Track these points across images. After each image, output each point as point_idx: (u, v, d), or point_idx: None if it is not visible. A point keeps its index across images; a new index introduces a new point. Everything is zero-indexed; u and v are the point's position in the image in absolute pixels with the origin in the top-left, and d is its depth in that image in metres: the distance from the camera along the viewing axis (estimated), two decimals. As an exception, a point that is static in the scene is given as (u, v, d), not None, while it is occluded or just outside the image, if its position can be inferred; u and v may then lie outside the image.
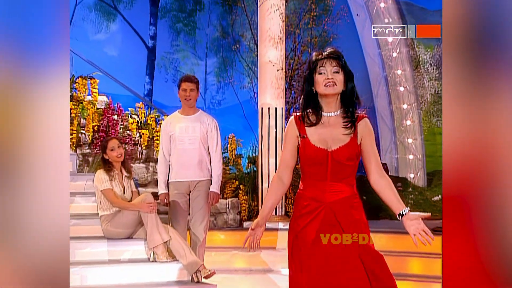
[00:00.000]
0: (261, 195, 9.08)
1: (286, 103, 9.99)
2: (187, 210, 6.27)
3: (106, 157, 6.15)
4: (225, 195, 9.37)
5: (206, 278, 5.79)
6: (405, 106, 13.40)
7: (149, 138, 9.26)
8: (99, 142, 8.27)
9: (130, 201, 6.11)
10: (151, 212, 5.85)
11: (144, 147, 9.21)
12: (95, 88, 9.15)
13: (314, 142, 3.20)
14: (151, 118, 9.56)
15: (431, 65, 13.86)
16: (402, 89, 13.39)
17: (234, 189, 9.51)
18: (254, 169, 9.70)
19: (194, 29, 16.83)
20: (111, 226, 6.00)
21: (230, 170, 9.86)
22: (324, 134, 3.20)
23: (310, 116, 3.25)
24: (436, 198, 11.95)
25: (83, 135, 8.74)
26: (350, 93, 3.24)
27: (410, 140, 13.28)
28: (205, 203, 6.20)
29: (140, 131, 9.28)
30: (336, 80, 3.19)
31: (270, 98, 9.15)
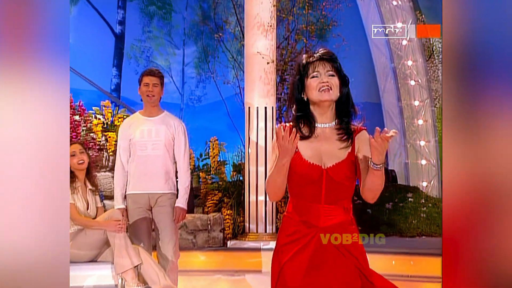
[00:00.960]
0: (248, 209, 9.12)
1: (277, 101, 10.03)
2: (150, 228, 6.28)
3: (66, 166, 6.16)
4: (206, 209, 9.40)
5: (183, 308, 5.82)
6: (416, 102, 13.49)
7: (116, 142, 9.28)
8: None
9: (94, 218, 6.13)
10: (119, 231, 5.86)
11: (110, 153, 9.22)
12: (53, 83, 9.14)
13: (308, 157, 3.21)
14: (119, 118, 9.55)
15: (447, 55, 13.96)
16: (413, 83, 13.48)
17: (216, 202, 9.54)
18: (240, 178, 9.72)
19: (169, 12, 16.86)
20: (73, 247, 6.01)
21: (212, 179, 9.88)
22: (318, 148, 3.21)
23: (302, 128, 3.27)
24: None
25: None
26: (346, 100, 3.27)
27: (423, 142, 13.37)
28: (171, 220, 6.21)
29: (106, 134, 9.29)
30: (331, 84, 3.21)
31: (259, 95, 9.20)
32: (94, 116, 9.46)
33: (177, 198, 6.25)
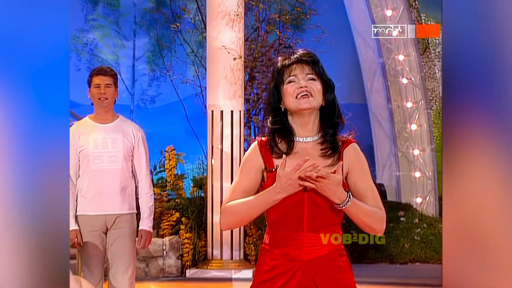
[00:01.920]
0: (211, 232, 9.11)
1: (246, 102, 10.06)
2: (104, 255, 6.25)
3: None
4: (161, 232, 9.38)
5: None
6: (409, 104, 13.58)
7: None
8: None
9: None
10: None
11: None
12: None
13: None
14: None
15: (445, 48, 14.10)
16: (405, 81, 13.57)
17: (173, 223, 9.54)
18: (202, 195, 9.73)
19: (117, -3, 16.89)
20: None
21: (169, 196, 9.88)
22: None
23: (279, 143, 3.23)
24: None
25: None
26: (331, 109, 3.25)
27: (416, 151, 13.46)
28: (129, 246, 6.17)
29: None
30: (311, 89, 3.17)
31: (224, 97, 9.22)
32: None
33: (137, 219, 6.23)
